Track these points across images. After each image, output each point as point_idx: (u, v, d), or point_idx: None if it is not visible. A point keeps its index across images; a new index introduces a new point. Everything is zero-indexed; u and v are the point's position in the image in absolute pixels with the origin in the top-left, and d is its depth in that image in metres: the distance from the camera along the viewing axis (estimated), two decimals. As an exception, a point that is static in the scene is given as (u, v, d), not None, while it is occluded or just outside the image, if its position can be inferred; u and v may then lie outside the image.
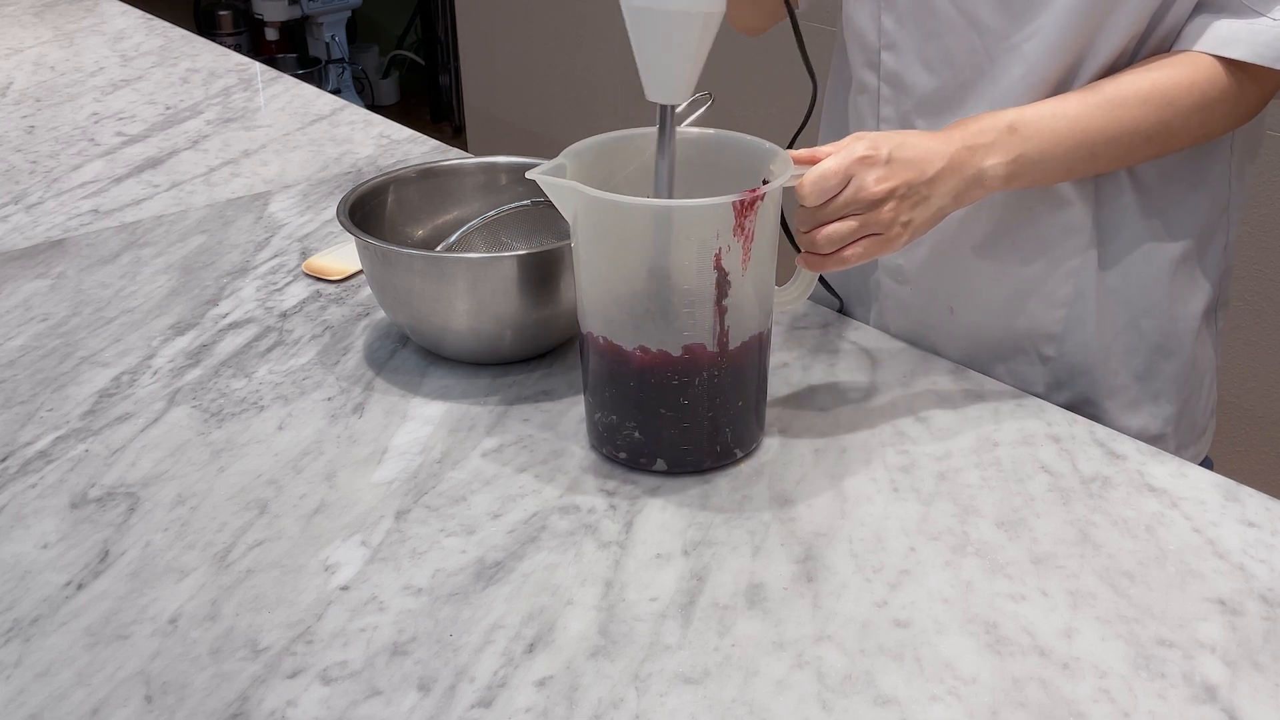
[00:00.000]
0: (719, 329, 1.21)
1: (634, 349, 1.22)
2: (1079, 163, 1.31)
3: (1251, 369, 2.73)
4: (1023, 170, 1.28)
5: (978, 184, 1.27)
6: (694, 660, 1.03)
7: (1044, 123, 1.29)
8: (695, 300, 1.19)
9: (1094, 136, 1.29)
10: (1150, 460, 1.28)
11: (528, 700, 0.99)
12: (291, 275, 1.67)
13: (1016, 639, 1.05)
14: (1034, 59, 1.36)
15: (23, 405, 1.39)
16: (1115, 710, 0.98)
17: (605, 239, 1.21)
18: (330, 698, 0.99)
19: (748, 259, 1.19)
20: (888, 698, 0.99)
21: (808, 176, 1.20)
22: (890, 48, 1.47)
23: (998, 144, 1.27)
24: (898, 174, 1.21)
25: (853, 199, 1.21)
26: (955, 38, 1.41)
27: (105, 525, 1.20)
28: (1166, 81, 1.30)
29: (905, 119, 1.49)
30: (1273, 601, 1.08)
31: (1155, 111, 1.30)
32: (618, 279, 1.23)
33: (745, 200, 1.15)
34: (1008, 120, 1.28)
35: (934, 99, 1.45)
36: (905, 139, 1.24)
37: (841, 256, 1.24)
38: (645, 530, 1.18)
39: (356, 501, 1.23)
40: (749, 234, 1.17)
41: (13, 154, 2.07)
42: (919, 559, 1.14)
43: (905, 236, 1.24)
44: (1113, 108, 1.30)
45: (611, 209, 1.18)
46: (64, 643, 1.05)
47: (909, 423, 1.34)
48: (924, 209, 1.24)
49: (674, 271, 1.19)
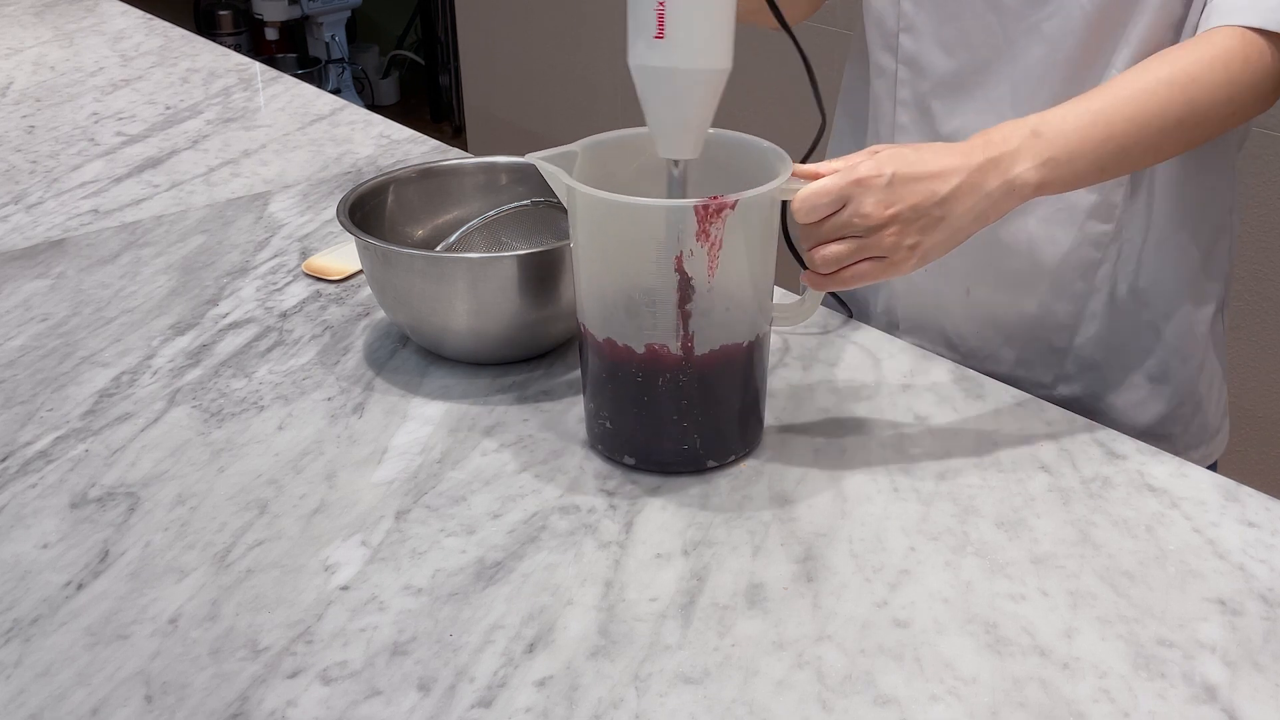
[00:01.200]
0: (683, 332, 1.21)
1: (604, 339, 1.23)
2: (1111, 158, 1.27)
3: (1253, 369, 2.74)
4: (1054, 174, 1.24)
5: (1008, 195, 1.22)
6: (694, 660, 1.03)
7: (1068, 123, 1.24)
8: (656, 300, 1.19)
9: (1122, 128, 1.25)
10: (1150, 460, 1.28)
11: (528, 700, 0.99)
12: (291, 275, 1.67)
13: (1016, 639, 1.05)
14: (1055, 39, 1.35)
15: (23, 405, 1.39)
16: (1115, 710, 0.98)
17: (581, 228, 1.22)
18: (330, 698, 0.99)
19: (714, 266, 1.18)
20: (888, 698, 0.99)
21: (800, 193, 1.19)
22: (908, 30, 1.47)
23: (1024, 150, 1.22)
24: (901, 198, 1.18)
25: (848, 222, 1.18)
26: (973, 18, 1.41)
27: (105, 525, 1.20)
28: (1188, 61, 1.27)
29: (922, 101, 1.49)
30: (1273, 601, 1.08)
31: (1181, 92, 1.26)
32: (593, 269, 1.23)
33: (709, 206, 1.15)
34: (1031, 126, 1.24)
35: (951, 81, 1.45)
36: (920, 156, 1.20)
37: (841, 277, 1.22)
38: (645, 530, 1.18)
39: (356, 501, 1.23)
40: (716, 241, 1.16)
41: (13, 154, 2.07)
42: (919, 559, 1.14)
43: (913, 260, 1.21)
44: (1136, 96, 1.26)
45: (585, 200, 1.19)
46: (64, 643, 1.05)
47: (909, 422, 1.34)
48: (937, 232, 1.20)
49: (635, 267, 1.19)
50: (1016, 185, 1.22)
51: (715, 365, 1.23)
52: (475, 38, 4.82)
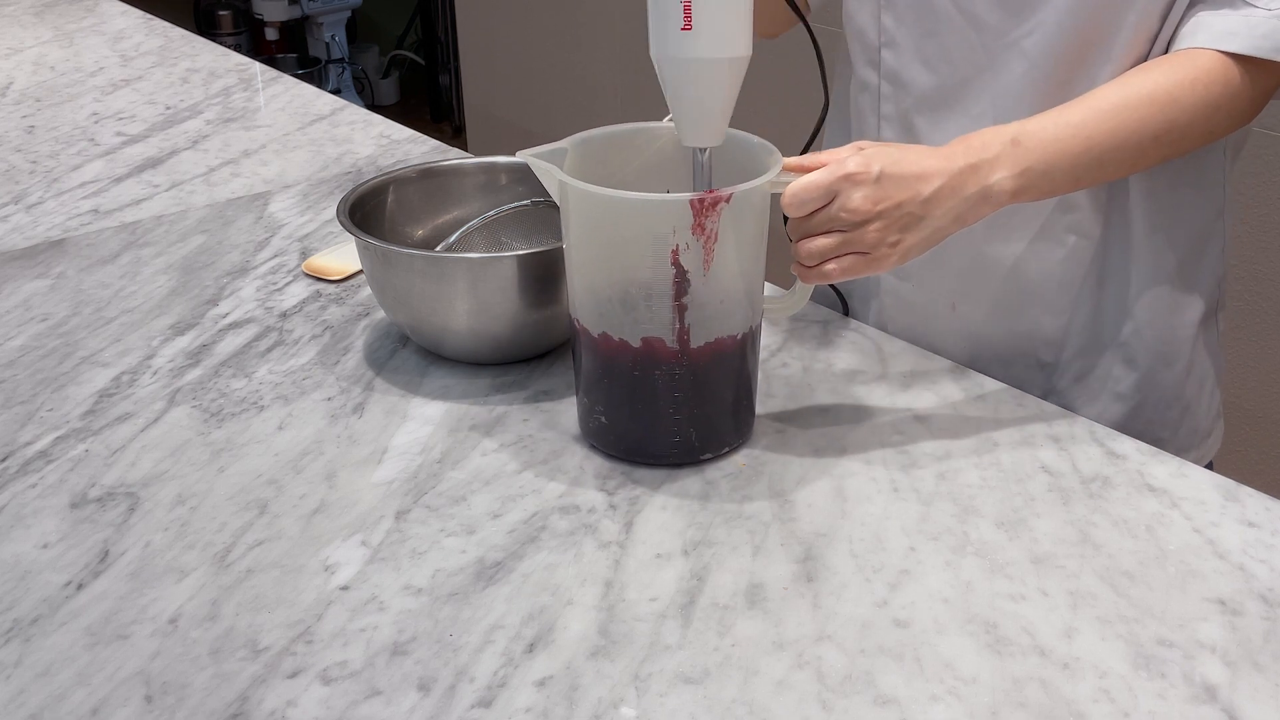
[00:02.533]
0: (678, 326, 1.21)
1: (599, 334, 1.23)
2: (1086, 170, 1.29)
3: (1252, 369, 2.73)
4: (1030, 183, 1.26)
5: (984, 201, 1.24)
6: (694, 660, 1.02)
7: (1048, 133, 1.27)
8: (652, 293, 1.20)
9: (1100, 142, 1.27)
10: (1150, 460, 1.28)
11: (528, 700, 0.99)
12: (291, 275, 1.67)
13: (1016, 639, 1.05)
14: (1035, 55, 1.36)
15: (23, 405, 1.39)
16: (1115, 710, 0.97)
17: (574, 224, 1.22)
18: (330, 698, 0.99)
19: (709, 258, 1.18)
20: (888, 698, 0.99)
21: (790, 187, 1.20)
22: (890, 45, 1.47)
23: (1002, 158, 1.24)
24: (888, 195, 1.20)
25: (834, 215, 1.20)
26: (954, 35, 1.41)
27: (105, 525, 1.20)
28: (1169, 80, 1.29)
29: (905, 117, 1.49)
30: (1273, 601, 1.08)
31: (1160, 111, 1.28)
32: (587, 264, 1.24)
33: (705, 200, 1.15)
34: (1011, 134, 1.26)
35: (933, 96, 1.45)
36: (904, 155, 1.22)
37: (823, 271, 1.23)
38: (645, 530, 1.18)
39: (356, 501, 1.23)
40: (711, 234, 1.17)
41: (13, 154, 2.07)
42: (919, 559, 1.14)
43: (894, 257, 1.23)
44: (1117, 111, 1.28)
45: (579, 196, 1.19)
46: (64, 643, 1.05)
47: (909, 422, 1.34)
48: (917, 231, 1.22)
49: (630, 262, 1.19)
50: (993, 192, 1.25)
51: (710, 358, 1.24)
52: (475, 38, 4.82)
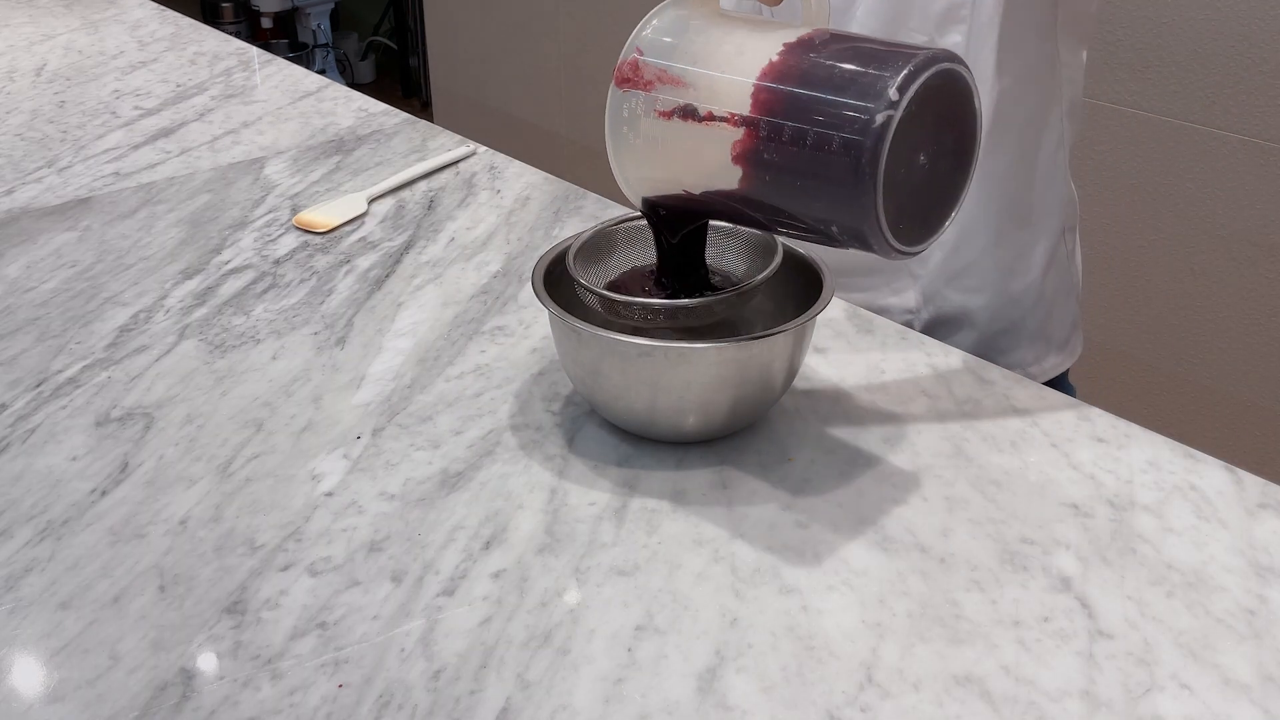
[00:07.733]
0: None
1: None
2: None
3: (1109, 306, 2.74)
4: None
5: None
6: (626, 555, 1.02)
7: None
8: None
9: None
10: (1015, 386, 1.27)
11: (485, 590, 0.98)
12: (284, 228, 1.65)
13: (901, 537, 1.04)
14: None
15: (55, 339, 1.37)
16: (985, 599, 0.97)
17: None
18: (316, 588, 0.99)
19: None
20: (791, 587, 0.99)
21: None
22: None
23: None
24: None
25: None
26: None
27: (125, 441, 1.18)
28: None
29: None
30: (1119, 505, 1.08)
31: None
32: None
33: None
34: None
35: None
36: None
37: None
38: (585, 445, 1.17)
39: (339, 420, 1.21)
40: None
41: (46, 125, 2.04)
42: (817, 470, 1.14)
43: None
44: None
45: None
46: (90, 541, 1.04)
47: (810, 355, 1.33)
48: None
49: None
50: None
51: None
52: (441, 26, 4.82)
